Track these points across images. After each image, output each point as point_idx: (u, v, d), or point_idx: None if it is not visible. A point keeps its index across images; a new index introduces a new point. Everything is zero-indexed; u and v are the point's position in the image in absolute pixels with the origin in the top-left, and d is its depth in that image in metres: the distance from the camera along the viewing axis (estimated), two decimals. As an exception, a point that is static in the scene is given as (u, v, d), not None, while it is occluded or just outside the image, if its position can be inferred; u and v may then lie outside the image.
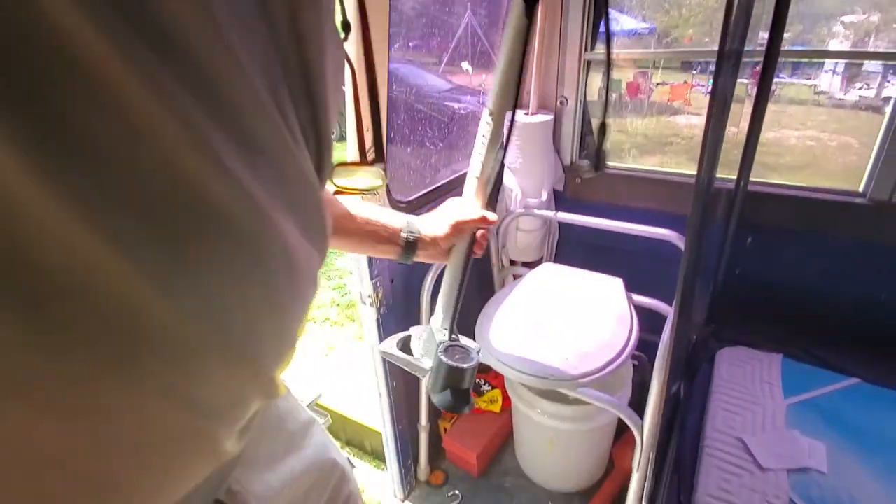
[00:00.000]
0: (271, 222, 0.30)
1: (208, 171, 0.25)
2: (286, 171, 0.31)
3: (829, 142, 7.10)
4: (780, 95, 8.64)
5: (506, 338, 1.30)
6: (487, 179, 0.70)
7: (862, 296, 1.40)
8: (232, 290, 0.29)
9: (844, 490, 1.00)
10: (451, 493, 1.60)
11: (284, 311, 0.35)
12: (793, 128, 7.37)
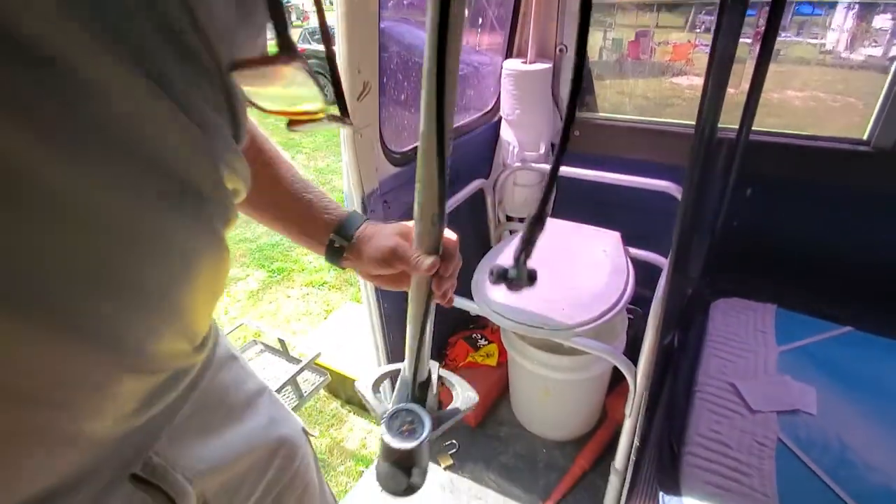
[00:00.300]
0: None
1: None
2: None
3: (833, 103, 6.99)
4: (785, 55, 8.44)
5: (501, 290, 1.30)
6: (424, 218, 0.47)
7: (861, 246, 1.40)
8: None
9: (832, 430, 1.03)
10: (448, 442, 1.64)
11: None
12: (796, 88, 7.23)
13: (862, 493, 0.90)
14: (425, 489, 0.78)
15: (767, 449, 0.98)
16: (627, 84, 5.57)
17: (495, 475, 1.53)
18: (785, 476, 0.93)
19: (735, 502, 0.89)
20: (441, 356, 1.78)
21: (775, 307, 1.38)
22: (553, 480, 1.50)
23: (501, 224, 1.77)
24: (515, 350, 1.48)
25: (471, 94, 1.56)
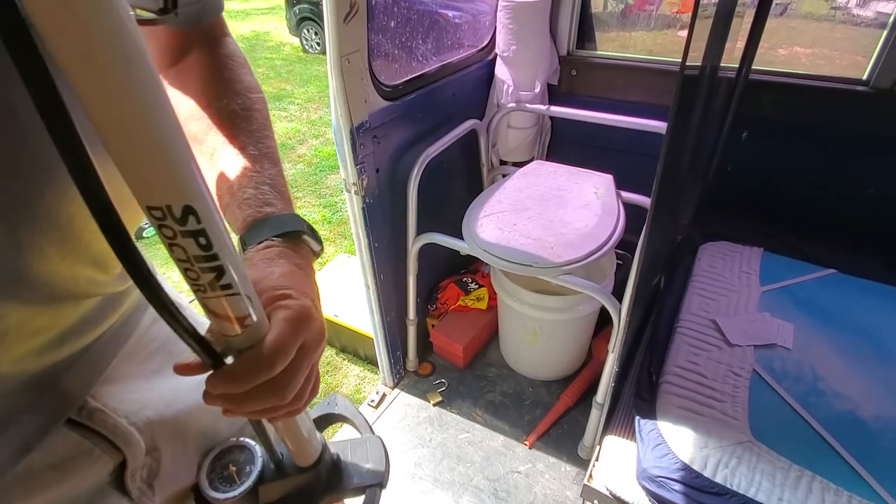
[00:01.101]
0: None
1: None
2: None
3: (840, 61, 6.82)
4: (794, 10, 8.15)
5: (491, 228, 1.30)
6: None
7: (851, 189, 1.40)
8: None
9: (807, 363, 1.06)
10: (437, 381, 1.69)
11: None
12: (804, 45, 7.02)
13: (829, 418, 0.94)
14: (414, 423, 0.74)
15: (742, 379, 1.02)
16: (631, 37, 5.41)
17: (482, 411, 1.59)
18: (756, 403, 0.97)
19: (707, 425, 0.93)
20: (432, 300, 1.81)
21: (762, 250, 1.39)
22: (538, 416, 1.56)
23: (494, 168, 1.75)
24: (504, 291, 1.50)
25: (465, 28, 1.50)
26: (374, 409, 1.61)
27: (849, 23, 8.04)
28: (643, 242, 0.95)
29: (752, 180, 1.52)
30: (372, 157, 1.26)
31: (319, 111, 4.84)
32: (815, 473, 0.85)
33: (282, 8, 6.90)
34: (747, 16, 1.32)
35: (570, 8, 1.55)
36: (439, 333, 1.73)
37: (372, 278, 1.42)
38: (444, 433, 1.53)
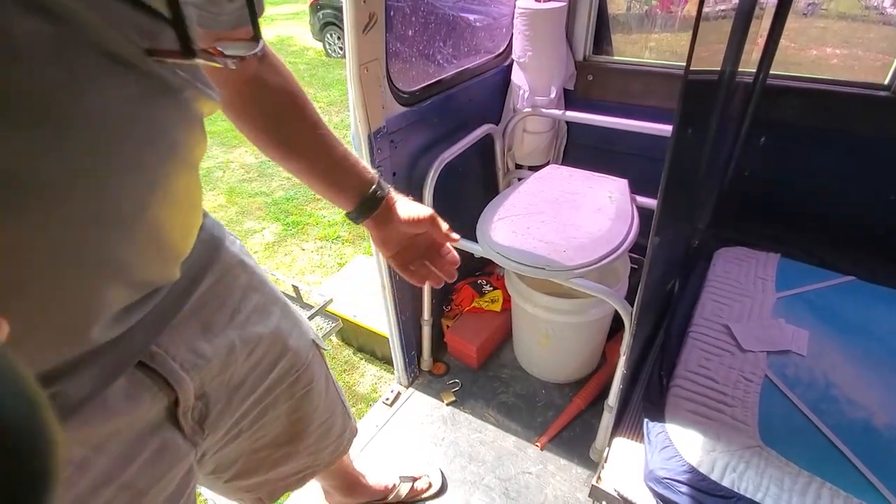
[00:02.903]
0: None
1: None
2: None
3: (874, 62, 6.58)
4: (827, 10, 7.91)
5: (505, 231, 1.33)
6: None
7: (872, 195, 1.37)
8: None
9: (819, 370, 1.06)
10: (451, 381, 1.72)
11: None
12: (836, 45, 6.81)
13: (840, 426, 0.93)
14: (427, 422, 0.82)
15: (753, 384, 1.02)
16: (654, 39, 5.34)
17: (495, 412, 1.61)
18: (767, 408, 0.97)
19: (715, 429, 0.93)
20: (447, 301, 1.84)
21: (778, 256, 1.38)
22: (550, 418, 1.57)
23: (510, 171, 1.78)
24: (518, 293, 1.52)
25: (482, 35, 1.53)
26: (389, 406, 1.65)
27: (882, 23, 7.74)
28: (650, 246, 0.96)
29: (769, 186, 1.50)
30: (389, 161, 1.30)
31: (341, 114, 4.93)
32: (825, 480, 0.85)
33: (306, 13, 7.04)
34: (767, 18, 1.32)
35: (586, 14, 1.57)
36: (454, 334, 1.75)
37: (388, 279, 1.46)
38: (456, 432, 1.55)
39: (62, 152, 0.29)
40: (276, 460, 0.73)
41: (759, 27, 1.28)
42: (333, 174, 0.61)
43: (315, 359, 0.74)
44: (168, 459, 0.50)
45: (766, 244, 1.43)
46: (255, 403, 0.64)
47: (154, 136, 0.35)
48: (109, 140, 0.32)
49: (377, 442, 1.53)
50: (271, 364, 0.64)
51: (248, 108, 0.56)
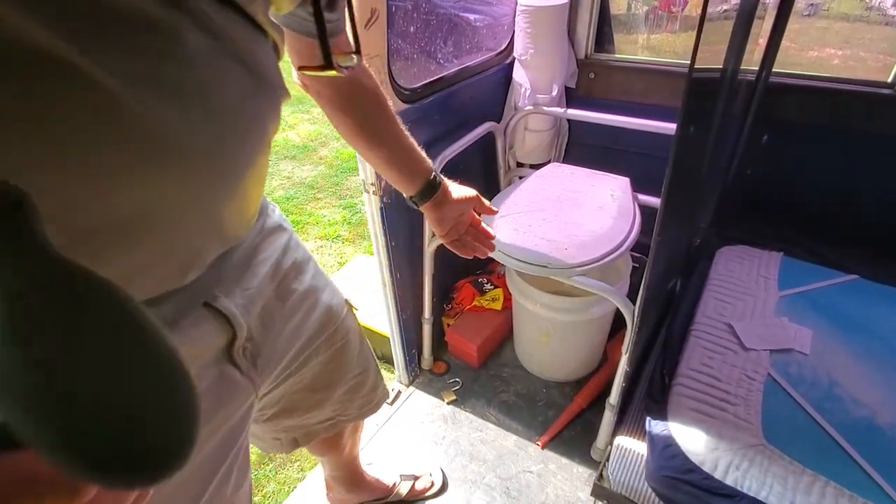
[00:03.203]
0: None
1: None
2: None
3: (875, 62, 6.59)
4: (828, 10, 7.91)
5: (506, 229, 1.32)
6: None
7: (874, 194, 1.37)
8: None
9: (822, 369, 1.05)
10: (452, 380, 1.72)
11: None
12: (836, 46, 6.82)
13: (844, 424, 0.93)
14: (428, 421, 0.89)
15: (756, 383, 1.01)
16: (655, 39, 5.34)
17: (495, 411, 1.60)
18: (770, 407, 0.96)
19: (718, 428, 0.93)
20: (448, 299, 1.83)
21: (781, 255, 1.37)
22: (551, 417, 1.57)
23: (511, 170, 1.77)
24: (519, 291, 1.52)
25: (483, 32, 1.52)
26: (390, 405, 1.64)
27: (883, 23, 7.76)
28: (654, 244, 0.95)
29: (771, 184, 1.50)
30: (391, 158, 1.29)
31: (341, 114, 4.93)
32: (829, 479, 0.84)
33: (307, 13, 7.03)
34: (769, 18, 1.31)
35: (588, 12, 1.56)
36: (454, 333, 1.75)
37: (389, 277, 1.45)
38: (457, 431, 1.55)
39: (204, 125, 0.39)
40: (312, 405, 0.81)
41: (762, 27, 1.27)
42: (406, 163, 0.75)
43: (348, 316, 0.82)
44: (229, 391, 0.58)
45: (769, 242, 1.42)
46: (300, 351, 0.71)
47: (257, 122, 0.45)
48: (234, 122, 0.42)
49: (378, 441, 1.53)
50: (309, 315, 0.71)
51: (347, 105, 0.68)
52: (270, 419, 0.78)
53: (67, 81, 0.31)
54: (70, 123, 0.31)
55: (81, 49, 0.30)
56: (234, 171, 0.45)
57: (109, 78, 0.32)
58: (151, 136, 0.35)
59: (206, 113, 0.39)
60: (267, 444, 0.86)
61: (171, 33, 0.35)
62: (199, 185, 0.41)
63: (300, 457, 1.53)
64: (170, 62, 0.35)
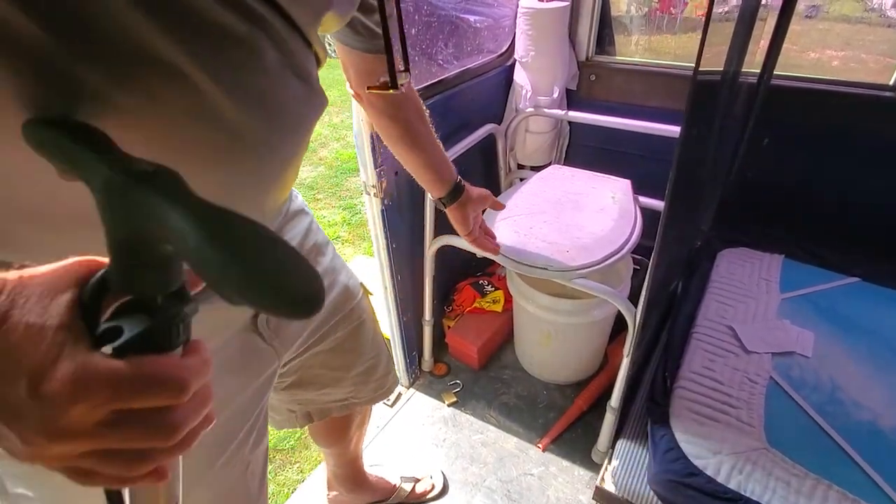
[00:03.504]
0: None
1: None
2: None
3: (874, 64, 6.59)
4: (827, 12, 7.91)
5: (507, 231, 1.32)
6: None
7: (876, 196, 1.37)
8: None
9: (825, 372, 1.05)
10: (452, 381, 1.71)
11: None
12: (836, 48, 6.81)
13: (847, 428, 0.92)
14: (429, 423, 0.91)
15: (758, 386, 1.01)
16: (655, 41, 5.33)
17: (496, 413, 1.60)
18: (773, 410, 0.96)
19: (720, 431, 0.93)
20: (448, 301, 1.83)
21: (782, 257, 1.37)
22: (552, 419, 1.56)
23: (512, 171, 1.77)
24: (520, 293, 1.51)
25: (484, 34, 1.52)
26: (390, 407, 1.64)
27: (883, 25, 7.74)
28: (657, 246, 0.95)
29: (772, 187, 1.50)
30: (391, 160, 1.29)
31: (341, 115, 4.92)
32: (832, 482, 0.84)
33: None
34: (770, 19, 1.31)
35: (589, 14, 1.56)
36: (455, 335, 1.75)
37: (389, 279, 1.45)
38: (458, 433, 1.54)
39: (270, 126, 0.45)
40: (327, 381, 0.85)
41: (763, 29, 1.27)
42: (439, 167, 0.85)
43: (364, 298, 0.86)
44: (255, 355, 0.63)
45: (770, 245, 1.42)
46: (319, 326, 0.75)
47: (306, 124, 0.52)
48: (290, 124, 0.48)
49: (378, 443, 1.52)
50: (328, 293, 0.75)
51: (396, 115, 0.76)
52: (288, 388, 0.83)
53: (180, 86, 0.36)
54: (180, 122, 0.37)
55: (193, 59, 0.36)
56: (283, 163, 0.52)
57: (213, 85, 0.37)
58: (234, 135, 0.41)
59: (271, 115, 0.45)
60: (282, 418, 0.91)
61: (254, 47, 0.41)
62: (257, 174, 0.48)
63: (299, 458, 1.53)
64: (253, 72, 0.42)
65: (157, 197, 0.24)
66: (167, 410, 0.26)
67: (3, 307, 0.23)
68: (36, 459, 0.25)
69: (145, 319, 0.26)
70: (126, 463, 0.26)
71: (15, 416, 0.23)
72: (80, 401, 0.23)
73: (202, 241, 0.23)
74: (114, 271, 0.26)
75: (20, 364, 0.23)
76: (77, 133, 0.28)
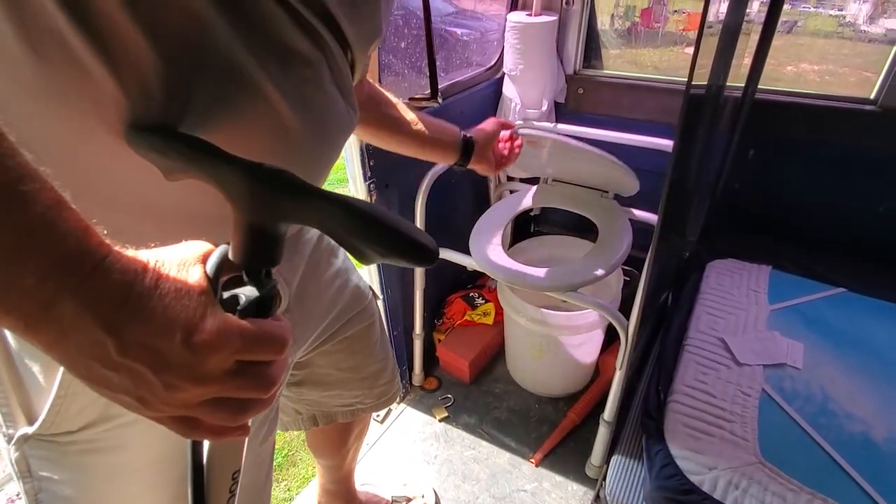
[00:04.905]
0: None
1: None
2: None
3: (850, 77, 6.79)
4: (802, 27, 8.16)
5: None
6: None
7: (860, 207, 1.39)
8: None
9: (816, 383, 1.05)
10: (443, 396, 1.69)
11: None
12: (812, 61, 7.02)
13: (841, 440, 0.92)
14: (420, 439, 0.90)
15: (751, 399, 1.01)
16: (638, 54, 5.43)
17: (488, 427, 1.58)
18: (766, 423, 0.96)
19: (716, 446, 0.92)
20: (439, 314, 1.81)
21: (770, 268, 1.38)
22: (544, 433, 1.55)
23: (502, 184, 1.77)
24: (510, 306, 1.50)
25: (473, 48, 1.53)
26: (380, 423, 1.61)
27: (857, 39, 8.02)
28: (650, 262, 0.95)
29: (759, 198, 1.52)
30: (381, 173, 1.28)
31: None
32: (827, 496, 0.84)
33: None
34: (753, 34, 1.34)
35: (576, 28, 1.58)
36: (445, 348, 1.73)
37: (379, 292, 1.43)
38: (449, 449, 1.52)
39: (321, 136, 0.49)
40: (335, 382, 0.85)
41: (746, 44, 1.30)
42: (438, 138, 0.87)
43: (373, 301, 0.87)
44: None
45: (757, 256, 1.44)
46: (331, 324, 0.76)
47: (345, 136, 0.55)
48: (335, 136, 0.52)
49: (369, 461, 1.49)
50: (341, 292, 0.76)
51: (369, 117, 0.80)
52: (297, 385, 0.84)
53: (261, 102, 0.40)
54: (255, 133, 0.42)
55: (267, 73, 0.40)
56: (324, 168, 0.55)
57: (281, 99, 0.41)
58: (293, 142, 0.45)
59: (324, 127, 0.49)
60: (289, 419, 0.91)
61: (317, 68, 0.45)
62: (305, 176, 0.49)
63: (287, 476, 1.49)
64: (314, 89, 0.46)
65: (296, 187, 0.31)
66: (268, 365, 0.32)
67: (154, 276, 0.28)
68: (166, 405, 0.29)
69: (254, 291, 0.33)
70: (231, 412, 0.31)
71: (167, 363, 0.28)
72: (221, 350, 0.28)
73: (353, 216, 0.29)
74: (240, 248, 0.32)
75: (175, 320, 0.27)
76: (192, 141, 0.34)
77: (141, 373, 0.27)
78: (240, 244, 0.32)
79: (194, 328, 0.28)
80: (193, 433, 0.32)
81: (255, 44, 0.38)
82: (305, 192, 0.31)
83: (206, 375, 0.29)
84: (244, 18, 0.38)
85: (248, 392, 0.31)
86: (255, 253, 0.33)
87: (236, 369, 0.30)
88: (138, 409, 0.29)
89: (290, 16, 0.41)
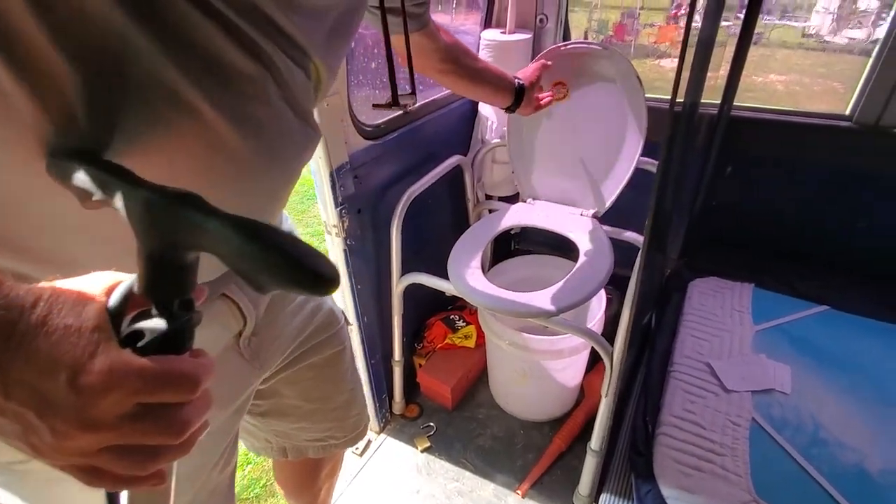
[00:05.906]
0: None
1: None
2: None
3: (814, 87, 7.00)
4: (768, 38, 8.42)
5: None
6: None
7: (840, 224, 1.39)
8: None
9: (806, 409, 1.03)
10: (425, 424, 1.62)
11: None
12: (779, 72, 7.23)
13: (834, 472, 0.89)
14: (401, 471, 0.86)
15: (741, 429, 0.97)
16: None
17: (472, 457, 1.52)
18: (758, 456, 0.93)
19: (707, 483, 0.88)
20: (419, 338, 1.75)
21: (752, 286, 1.37)
22: (530, 461, 1.49)
23: (480, 203, 1.73)
24: (492, 331, 1.45)
25: (448, 66, 1.49)
26: (360, 456, 1.53)
27: (820, 49, 8.30)
28: (636, 287, 0.92)
29: (738, 215, 1.51)
30: (353, 197, 1.22)
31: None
32: (824, 535, 0.80)
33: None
34: (727, 50, 1.33)
35: (551, 45, 1.55)
36: (426, 374, 1.66)
37: (355, 321, 1.36)
38: (432, 483, 1.45)
39: (270, 155, 0.47)
40: (303, 414, 0.83)
41: (723, 55, 1.29)
42: (500, 84, 0.97)
43: (345, 326, 0.84)
44: (235, 374, 0.62)
45: (738, 273, 1.42)
46: (300, 346, 0.74)
47: (301, 155, 0.52)
48: (286, 154, 0.49)
49: (349, 497, 1.41)
50: (312, 314, 0.74)
51: (457, 64, 0.88)
52: (263, 415, 0.81)
53: (195, 120, 0.38)
54: (192, 152, 0.40)
55: (201, 91, 0.38)
56: (278, 190, 0.53)
57: (219, 117, 0.39)
58: (237, 163, 0.43)
59: (271, 145, 0.46)
60: (259, 445, 0.89)
61: (261, 84, 0.43)
62: (253, 197, 0.50)
63: (260, 517, 1.40)
64: (258, 106, 0.43)
65: (194, 211, 0.28)
66: (178, 407, 0.29)
67: (43, 312, 0.26)
68: (57, 454, 0.27)
69: (163, 324, 0.29)
70: (137, 461, 0.28)
71: (51, 407, 0.25)
72: (113, 391, 0.26)
73: (244, 239, 0.26)
74: (143, 279, 0.30)
75: (60, 360, 0.25)
76: (107, 166, 0.31)
77: (27, 417, 0.25)
78: (142, 274, 0.30)
79: (81, 368, 0.25)
80: (99, 483, 0.29)
81: (183, 60, 0.36)
82: (202, 215, 0.28)
83: (96, 421, 0.26)
84: (169, 34, 0.35)
85: (154, 438, 0.28)
86: (158, 283, 0.30)
87: (137, 413, 0.27)
88: (35, 457, 0.27)
89: (223, 29, 0.38)
